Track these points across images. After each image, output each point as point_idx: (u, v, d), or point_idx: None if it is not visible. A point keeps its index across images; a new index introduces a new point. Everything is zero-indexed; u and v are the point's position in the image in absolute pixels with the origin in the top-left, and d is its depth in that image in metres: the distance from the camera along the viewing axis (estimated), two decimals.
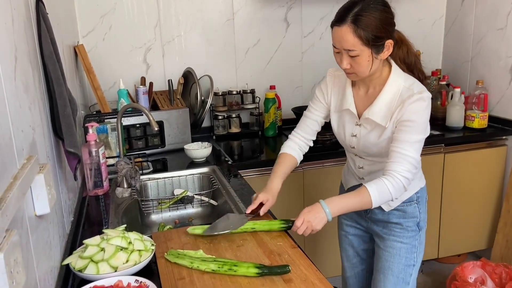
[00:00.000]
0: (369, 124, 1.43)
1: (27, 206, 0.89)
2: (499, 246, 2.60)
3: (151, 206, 1.81)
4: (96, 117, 2.06)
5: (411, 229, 1.53)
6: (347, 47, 1.30)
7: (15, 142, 0.84)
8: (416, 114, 1.33)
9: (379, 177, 1.36)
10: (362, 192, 1.35)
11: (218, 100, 2.58)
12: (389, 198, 1.35)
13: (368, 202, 1.34)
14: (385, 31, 1.30)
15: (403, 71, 1.44)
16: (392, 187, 1.33)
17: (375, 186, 1.33)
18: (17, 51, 0.96)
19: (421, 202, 1.55)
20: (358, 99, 1.47)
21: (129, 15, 2.47)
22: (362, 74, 1.35)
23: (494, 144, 2.58)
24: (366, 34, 1.27)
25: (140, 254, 1.18)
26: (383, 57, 1.35)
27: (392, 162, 1.35)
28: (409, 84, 1.38)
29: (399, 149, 1.34)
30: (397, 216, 1.53)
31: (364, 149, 1.48)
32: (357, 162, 1.56)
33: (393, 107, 1.38)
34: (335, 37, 1.32)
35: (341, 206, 1.36)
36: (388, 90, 1.39)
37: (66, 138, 1.26)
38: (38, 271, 0.92)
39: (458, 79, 2.89)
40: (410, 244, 1.54)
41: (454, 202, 2.58)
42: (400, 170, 1.33)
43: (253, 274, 1.12)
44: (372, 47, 1.30)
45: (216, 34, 2.61)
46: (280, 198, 2.24)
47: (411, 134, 1.34)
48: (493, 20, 2.62)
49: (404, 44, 1.46)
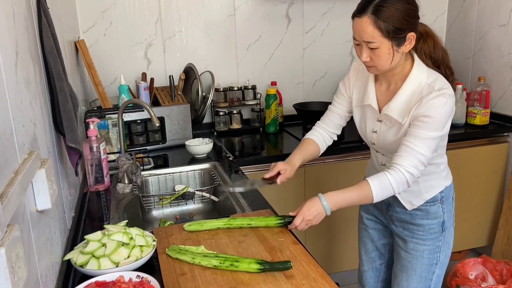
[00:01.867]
0: (389, 121, 1.40)
1: (28, 201, 0.89)
2: (500, 243, 2.59)
3: (152, 202, 1.81)
4: (97, 113, 2.06)
5: (433, 231, 1.49)
6: (366, 38, 1.26)
7: (16, 137, 0.84)
8: (433, 110, 1.28)
9: (382, 171, 1.33)
10: (363, 186, 1.32)
11: (219, 96, 2.57)
12: (391, 192, 1.31)
13: (369, 196, 1.31)
14: (407, 23, 1.26)
15: (429, 67, 1.38)
16: (394, 181, 1.29)
17: (377, 180, 1.31)
18: (18, 46, 0.96)
19: (446, 201, 1.50)
20: (380, 94, 1.44)
21: (130, 11, 2.46)
22: (382, 67, 1.32)
23: (496, 141, 2.58)
24: (386, 25, 1.23)
25: (142, 250, 1.18)
26: (404, 50, 1.30)
27: (398, 156, 1.31)
28: (431, 80, 1.33)
29: (409, 143, 1.30)
30: (420, 216, 1.48)
31: (383, 145, 1.45)
32: (379, 159, 1.53)
33: (412, 104, 1.33)
34: (355, 28, 1.29)
35: (340, 200, 1.33)
36: (409, 86, 1.35)
37: (67, 134, 1.26)
38: (40, 266, 0.92)
39: (460, 76, 2.88)
40: (433, 245, 1.50)
41: (455, 199, 2.57)
42: (406, 165, 1.29)
43: (255, 270, 1.12)
44: (393, 39, 1.26)
45: (217, 30, 2.60)
46: (281, 195, 2.26)
47: (425, 130, 1.29)
48: (496, 16, 2.60)
49: (430, 38, 1.40)
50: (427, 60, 1.39)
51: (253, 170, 2.18)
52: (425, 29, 1.40)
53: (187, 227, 1.38)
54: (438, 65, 1.40)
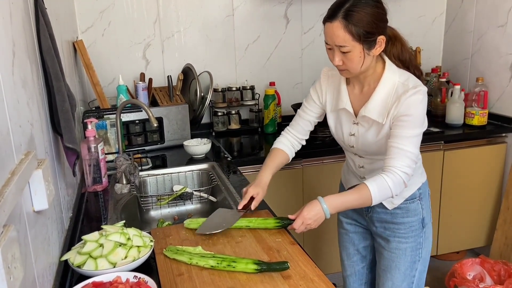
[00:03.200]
0: (366, 122, 1.42)
1: (25, 202, 0.88)
2: (498, 243, 2.60)
3: (150, 202, 1.81)
4: (95, 113, 2.06)
5: (414, 228, 1.51)
6: (338, 43, 1.29)
7: (13, 138, 0.84)
8: (412, 108, 1.32)
9: (378, 174, 1.35)
10: (361, 189, 1.33)
11: (218, 96, 2.57)
12: (389, 194, 1.33)
13: (368, 199, 1.32)
14: (377, 26, 1.29)
15: (399, 68, 1.42)
16: (392, 183, 1.31)
17: (375, 183, 1.32)
18: (15, 46, 0.96)
19: (424, 198, 1.54)
20: (354, 97, 1.46)
21: (129, 11, 2.46)
22: (354, 70, 1.35)
23: (494, 141, 2.58)
24: (357, 29, 1.26)
25: (139, 250, 1.18)
26: (375, 53, 1.34)
27: (390, 158, 1.34)
28: (404, 79, 1.37)
29: (397, 144, 1.33)
30: (401, 215, 1.51)
31: (363, 147, 1.47)
32: (357, 162, 1.54)
33: (389, 104, 1.36)
34: (327, 33, 1.31)
35: (340, 203, 1.35)
36: (383, 86, 1.38)
37: (65, 134, 1.26)
38: (37, 267, 0.92)
39: (458, 76, 2.88)
40: (415, 241, 1.52)
41: (453, 199, 2.58)
42: (400, 165, 1.32)
43: (252, 271, 1.12)
44: (364, 43, 1.29)
45: (215, 30, 2.60)
46: (279, 195, 2.26)
47: (408, 129, 1.33)
48: (494, 17, 2.61)
49: (398, 41, 1.44)
50: (396, 62, 1.43)
51: (251, 171, 2.18)
52: (393, 33, 1.43)
53: (186, 224, 1.38)
54: (407, 66, 1.44)
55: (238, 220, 1.37)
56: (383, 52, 1.40)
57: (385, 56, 1.41)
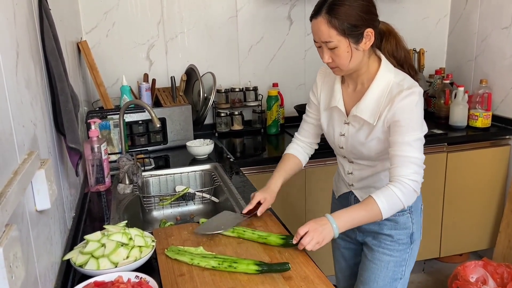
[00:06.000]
0: (357, 122, 1.36)
1: (27, 201, 0.89)
2: (501, 246, 2.59)
3: (152, 203, 1.82)
4: (99, 113, 2.06)
5: (402, 242, 1.44)
6: (324, 38, 1.26)
7: (16, 138, 0.85)
8: (408, 112, 1.26)
9: (385, 185, 1.27)
10: (369, 203, 1.25)
11: (221, 97, 2.58)
12: (400, 206, 1.26)
13: (377, 214, 1.24)
14: (362, 19, 1.24)
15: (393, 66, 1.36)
16: (401, 194, 1.24)
17: (382, 195, 1.24)
18: (19, 47, 0.96)
19: (415, 212, 1.45)
20: (347, 96, 1.41)
21: (133, 12, 2.47)
22: (344, 66, 1.29)
23: (498, 143, 2.57)
24: (340, 23, 1.22)
25: (141, 250, 1.18)
26: (364, 47, 1.28)
27: (396, 167, 1.26)
28: (399, 79, 1.31)
29: (399, 152, 1.26)
30: (389, 226, 1.43)
31: (352, 149, 1.41)
32: (346, 167, 1.49)
33: (382, 104, 1.30)
34: (313, 30, 1.29)
35: (349, 219, 1.25)
36: (377, 85, 1.32)
37: (68, 134, 1.27)
38: (39, 266, 0.92)
39: (462, 78, 2.87)
40: (400, 257, 1.44)
41: (456, 202, 2.57)
42: (406, 173, 1.24)
43: (253, 271, 1.12)
44: (349, 36, 1.24)
45: (219, 31, 2.61)
46: (282, 197, 2.25)
47: (407, 134, 1.26)
48: (498, 19, 2.60)
49: (393, 37, 1.37)
50: (390, 59, 1.36)
51: (254, 172, 2.18)
52: (388, 28, 1.37)
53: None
54: (402, 64, 1.38)
55: (238, 225, 1.35)
56: (379, 50, 1.36)
57: (382, 54, 1.36)
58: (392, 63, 1.35)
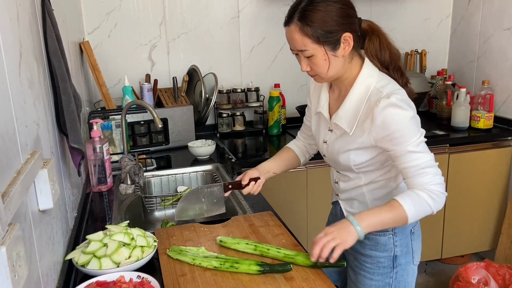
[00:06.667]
0: (339, 130, 1.27)
1: (30, 201, 0.89)
2: (503, 248, 2.58)
3: (154, 203, 1.82)
4: (101, 114, 2.07)
5: (383, 265, 1.31)
6: (298, 47, 1.17)
7: (19, 137, 0.85)
8: (395, 123, 1.14)
9: (409, 190, 1.17)
10: (395, 205, 1.15)
11: (223, 98, 2.58)
12: (428, 210, 1.16)
13: (404, 217, 1.14)
14: (338, 24, 1.14)
15: (378, 68, 1.24)
16: (430, 199, 1.14)
17: (409, 199, 1.15)
18: (22, 47, 0.97)
19: (400, 233, 1.31)
20: (333, 102, 1.31)
21: (135, 12, 2.47)
22: (323, 75, 1.20)
23: (500, 144, 2.57)
24: (314, 30, 1.13)
25: (143, 250, 1.19)
26: (344, 53, 1.17)
27: (412, 179, 1.16)
28: (381, 85, 1.19)
29: (405, 164, 1.16)
30: (369, 246, 1.32)
31: (331, 157, 1.32)
32: (334, 176, 1.41)
33: (361, 112, 1.20)
34: (287, 38, 1.21)
35: (374, 221, 1.15)
36: (355, 92, 1.21)
37: (70, 134, 1.27)
38: (41, 266, 0.92)
39: (464, 79, 2.87)
40: (382, 281, 1.32)
41: (458, 203, 2.57)
42: (427, 181, 1.14)
43: (255, 272, 1.12)
44: (325, 44, 1.14)
45: (221, 32, 2.61)
46: (284, 197, 2.26)
47: (405, 144, 1.15)
48: (500, 20, 2.60)
49: (376, 36, 1.23)
50: (374, 61, 1.24)
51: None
52: (371, 26, 1.23)
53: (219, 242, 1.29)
54: (387, 67, 1.24)
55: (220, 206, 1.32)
56: (363, 50, 1.24)
57: (366, 56, 1.24)
58: (377, 66, 1.24)
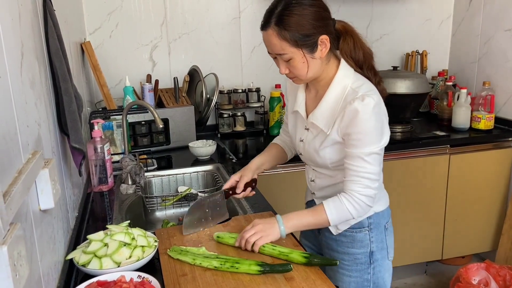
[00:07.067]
0: (315, 129, 1.29)
1: (31, 201, 0.90)
2: (504, 248, 2.58)
3: (155, 203, 1.82)
4: (102, 114, 2.07)
5: (360, 261, 1.34)
6: (276, 51, 1.20)
7: (20, 137, 0.85)
8: (360, 125, 1.17)
9: (338, 194, 1.24)
10: (319, 210, 1.23)
11: (223, 98, 2.58)
12: (349, 217, 1.23)
13: (326, 221, 1.23)
14: (314, 27, 1.16)
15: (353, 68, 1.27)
16: (352, 208, 1.21)
17: (333, 206, 1.22)
18: (24, 47, 0.97)
19: (376, 229, 1.34)
20: (309, 101, 1.34)
21: (136, 13, 2.48)
22: (302, 77, 1.23)
23: (500, 145, 2.57)
24: (291, 34, 1.15)
25: (143, 250, 1.19)
26: (321, 55, 1.20)
27: (347, 181, 1.22)
28: (357, 85, 1.22)
29: (351, 166, 1.20)
30: (346, 244, 1.35)
31: (308, 156, 1.34)
32: (309, 174, 1.43)
33: (336, 112, 1.23)
34: (264, 42, 1.23)
35: (297, 223, 1.24)
36: (332, 92, 1.24)
37: (72, 134, 1.27)
38: (42, 265, 0.93)
39: (465, 80, 2.87)
40: (361, 278, 1.35)
41: (459, 204, 2.57)
42: (358, 189, 1.20)
43: (255, 272, 1.12)
44: (303, 47, 1.17)
45: (222, 33, 2.61)
46: (283, 197, 2.25)
47: (361, 148, 1.18)
48: (501, 21, 2.60)
49: (350, 36, 1.26)
50: (349, 61, 1.27)
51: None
52: (344, 27, 1.26)
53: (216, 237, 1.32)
54: (361, 66, 1.28)
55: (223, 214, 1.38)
56: (338, 51, 1.27)
57: (341, 56, 1.27)
58: (351, 65, 1.27)
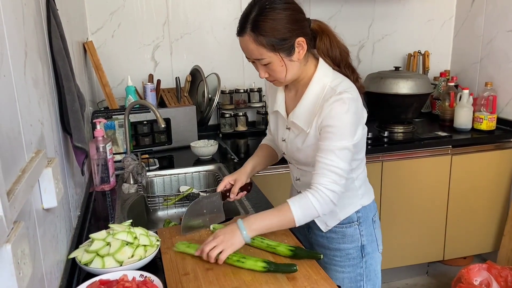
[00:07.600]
0: (296, 128, 1.30)
1: (34, 199, 0.90)
2: (506, 249, 2.58)
3: (157, 203, 1.83)
4: (104, 113, 2.08)
5: (352, 256, 1.36)
6: (254, 56, 1.20)
7: (24, 136, 0.86)
8: (336, 118, 1.18)
9: (304, 191, 1.22)
10: (283, 209, 1.20)
11: (225, 98, 2.59)
12: (315, 214, 1.20)
13: (291, 220, 1.19)
14: (290, 30, 1.17)
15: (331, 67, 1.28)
16: (317, 202, 1.18)
17: (298, 203, 1.20)
18: (27, 47, 0.97)
19: (364, 223, 1.36)
20: (289, 100, 1.35)
21: (138, 13, 2.48)
22: (282, 79, 1.25)
23: (502, 146, 2.56)
24: (268, 40, 1.16)
25: (145, 249, 1.19)
26: (299, 57, 1.22)
27: (315, 174, 1.21)
28: (336, 83, 1.23)
29: (322, 159, 1.20)
30: (337, 240, 1.36)
31: (291, 154, 1.36)
32: (294, 173, 1.44)
33: (316, 110, 1.24)
34: (241, 47, 1.23)
35: (261, 225, 1.20)
36: (311, 91, 1.25)
37: (74, 133, 1.28)
38: (45, 264, 0.93)
39: (467, 81, 2.87)
40: (354, 272, 1.36)
41: (460, 204, 2.56)
42: (325, 182, 1.18)
43: (260, 268, 1.12)
44: (280, 51, 1.18)
45: (224, 32, 2.62)
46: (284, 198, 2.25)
47: (332, 141, 1.19)
48: (503, 22, 2.60)
49: (326, 35, 1.27)
50: (326, 59, 1.28)
51: (257, 173, 2.18)
52: (320, 26, 1.27)
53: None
54: (338, 64, 1.29)
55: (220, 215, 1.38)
56: (316, 50, 1.28)
57: (319, 55, 1.28)
58: (329, 64, 1.28)
